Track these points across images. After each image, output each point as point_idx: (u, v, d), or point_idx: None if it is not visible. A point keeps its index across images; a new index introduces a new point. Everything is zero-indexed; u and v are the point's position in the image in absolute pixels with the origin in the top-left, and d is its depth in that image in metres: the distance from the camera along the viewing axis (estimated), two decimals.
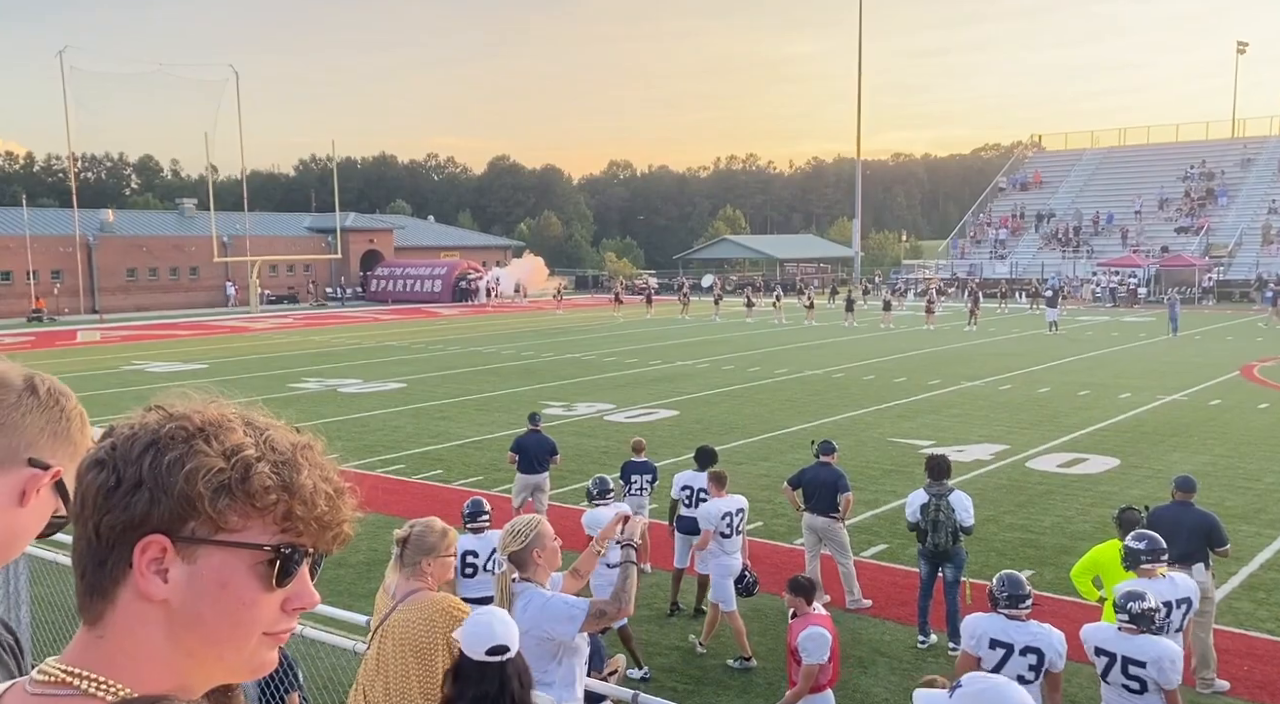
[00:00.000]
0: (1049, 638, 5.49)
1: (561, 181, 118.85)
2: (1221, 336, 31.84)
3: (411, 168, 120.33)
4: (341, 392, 22.30)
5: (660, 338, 33.75)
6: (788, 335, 34.19)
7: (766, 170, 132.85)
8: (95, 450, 1.01)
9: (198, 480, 0.96)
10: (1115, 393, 20.25)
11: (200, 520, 0.97)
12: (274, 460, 1.00)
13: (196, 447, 0.98)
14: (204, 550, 0.97)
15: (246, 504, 0.98)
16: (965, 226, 65.73)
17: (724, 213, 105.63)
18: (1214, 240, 53.60)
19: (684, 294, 45.97)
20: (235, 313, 51.77)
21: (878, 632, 8.55)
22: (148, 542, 0.96)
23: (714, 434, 16.47)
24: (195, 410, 1.02)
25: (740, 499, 8.73)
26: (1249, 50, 72.39)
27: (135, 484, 0.97)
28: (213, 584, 0.98)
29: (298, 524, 1.00)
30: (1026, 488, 12.94)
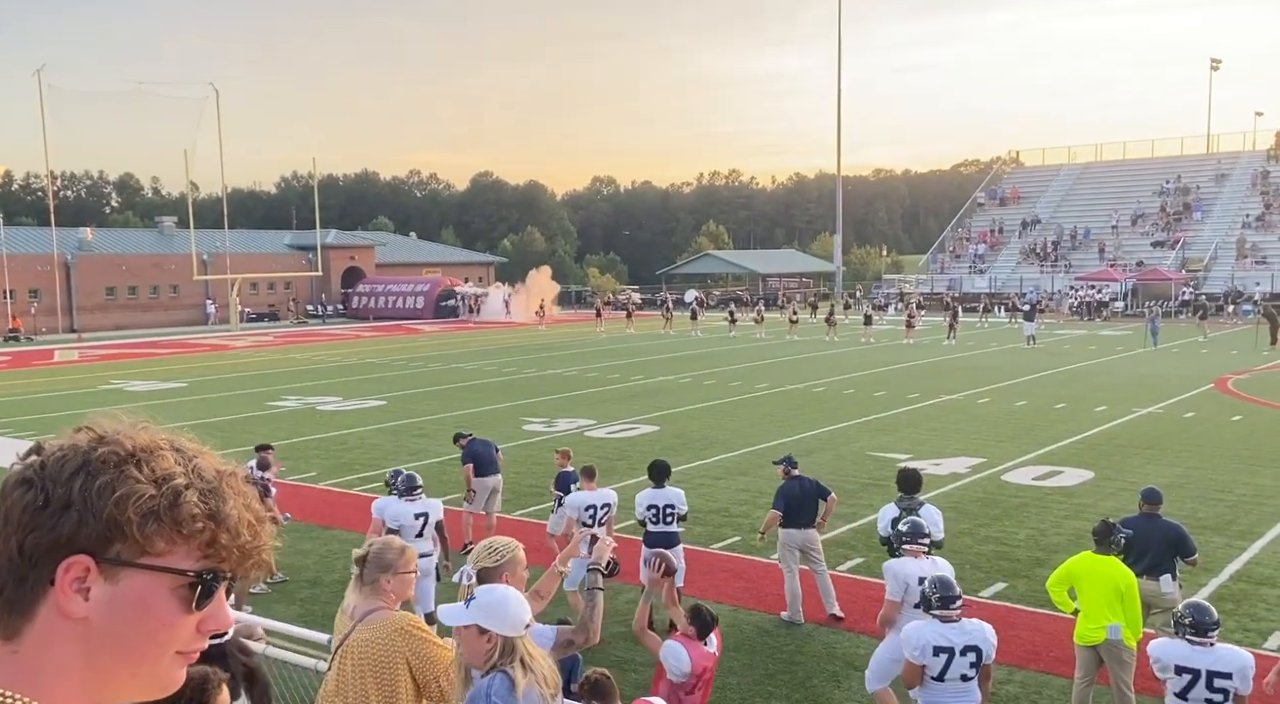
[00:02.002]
0: (983, 633, 5.73)
1: (545, 198, 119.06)
2: (1197, 350, 32.18)
3: (394, 184, 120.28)
4: (321, 409, 22.22)
5: (642, 353, 33.80)
6: (769, 350, 34.32)
7: (749, 186, 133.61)
8: (22, 468, 1.02)
9: (128, 506, 0.98)
10: (1091, 406, 20.43)
11: (126, 544, 0.99)
12: (201, 489, 1.03)
13: (127, 472, 1.00)
14: (127, 572, 0.99)
15: (173, 531, 1.00)
16: (945, 241, 66.25)
17: (707, 228, 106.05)
18: (1190, 254, 54.24)
19: (666, 309, 46.09)
20: (215, 331, 51.50)
21: (851, 645, 8.59)
22: (72, 561, 0.98)
23: (694, 448, 16.52)
24: (126, 435, 1.04)
25: (609, 494, 9.42)
26: (1222, 67, 73.36)
27: (64, 505, 0.98)
28: (134, 605, 1.00)
29: (220, 551, 1.03)
30: (1002, 500, 13.03)
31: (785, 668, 8.12)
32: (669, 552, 9.13)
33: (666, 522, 9.18)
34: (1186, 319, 44.40)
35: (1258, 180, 57.76)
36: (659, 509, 9.19)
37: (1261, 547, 10.84)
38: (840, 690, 7.74)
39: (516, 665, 3.25)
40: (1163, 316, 36.23)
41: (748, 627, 9.05)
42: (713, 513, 12.65)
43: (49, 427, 20.05)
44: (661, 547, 9.13)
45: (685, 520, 9.44)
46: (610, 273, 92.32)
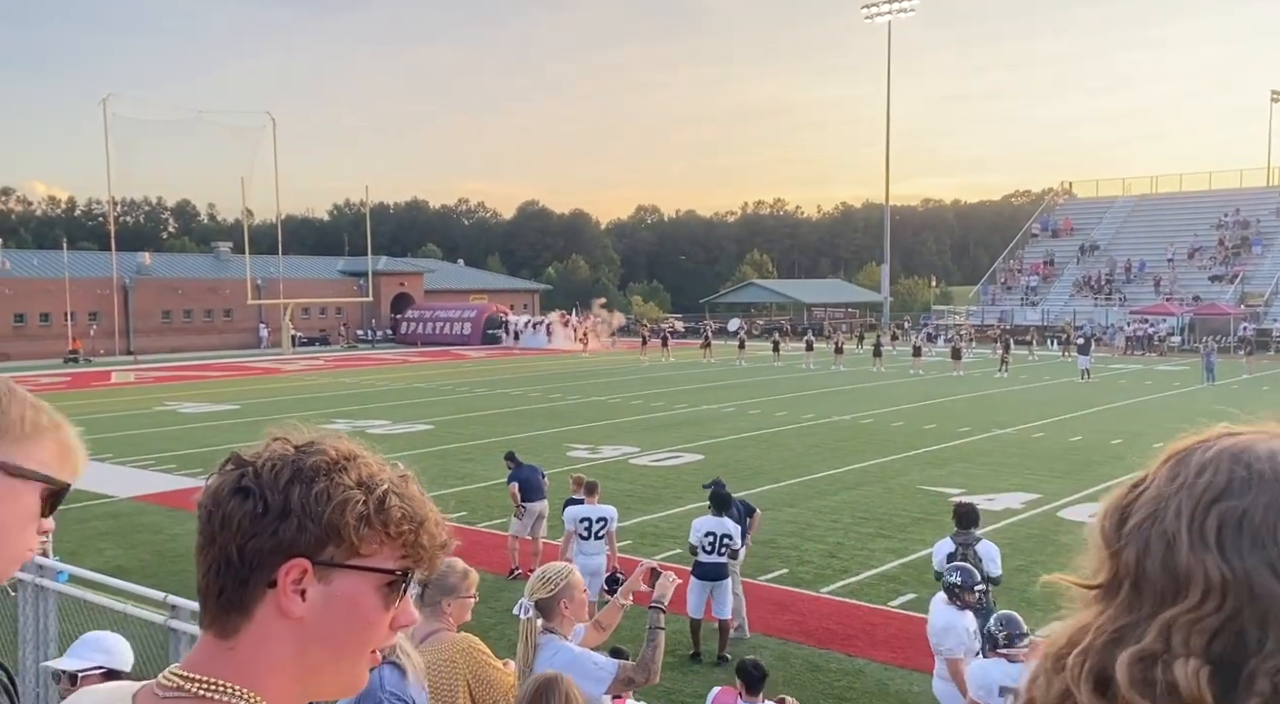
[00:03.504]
0: None
1: (589, 226, 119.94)
2: (1259, 386, 31.31)
3: (443, 213, 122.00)
4: (370, 432, 22.29)
5: (686, 381, 33.71)
6: (815, 380, 34.03)
7: (794, 215, 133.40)
8: (234, 478, 1.08)
9: (345, 511, 1.05)
10: (1149, 442, 19.85)
11: (340, 547, 1.06)
12: (398, 492, 1.10)
13: (338, 479, 1.07)
14: (339, 573, 1.06)
15: (383, 533, 1.07)
16: (996, 273, 65.44)
17: (751, 257, 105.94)
18: (1249, 289, 52.95)
19: (707, 339, 45.74)
20: (268, 354, 52.37)
21: (904, 682, 8.38)
22: (291, 565, 1.05)
23: (740, 478, 16.36)
24: (329, 443, 1.12)
25: (607, 509, 9.74)
26: None
27: (282, 512, 1.05)
28: (345, 604, 1.07)
29: (418, 551, 1.10)
30: (1058, 538, 12.69)
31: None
32: (716, 583, 9.05)
33: (720, 552, 9.06)
34: (1243, 355, 43.30)
35: None
36: (716, 537, 9.08)
37: None
38: None
39: (401, 656, 3.34)
40: (1219, 352, 35.31)
41: (797, 661, 8.88)
42: (760, 545, 12.47)
43: (105, 447, 20.47)
44: (709, 578, 9.03)
45: (738, 557, 9.28)
46: (653, 300, 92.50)
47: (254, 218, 72.73)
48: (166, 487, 16.21)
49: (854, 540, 12.68)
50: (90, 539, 13.30)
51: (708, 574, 9.04)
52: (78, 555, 11.27)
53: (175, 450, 20.24)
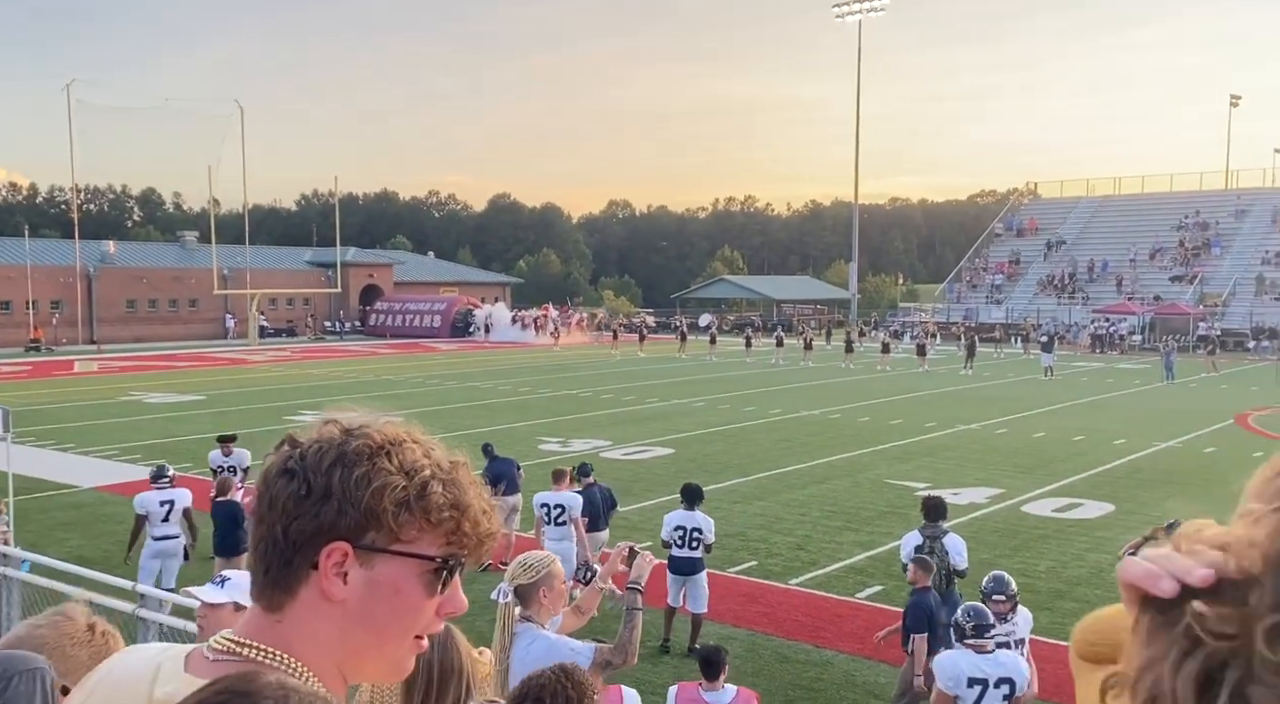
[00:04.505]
0: (1017, 665, 5.64)
1: (561, 220, 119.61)
2: (1216, 385, 31.95)
3: (413, 205, 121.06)
4: None
5: (657, 376, 33.80)
6: (784, 375, 34.25)
7: (764, 212, 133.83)
8: (282, 459, 1.10)
9: (384, 497, 1.06)
10: (1110, 439, 20.28)
11: (381, 532, 1.07)
12: (443, 479, 1.11)
13: (379, 464, 1.08)
14: (381, 558, 1.07)
15: (423, 519, 1.08)
16: (962, 271, 66.15)
17: (722, 253, 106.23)
18: (1208, 289, 53.96)
19: (681, 333, 46.00)
20: (234, 345, 51.80)
21: (871, 673, 8.52)
22: (332, 548, 1.06)
23: (709, 472, 16.47)
24: (375, 428, 1.12)
25: (566, 496, 9.89)
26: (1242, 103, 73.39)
27: (324, 495, 1.06)
28: (387, 589, 1.08)
29: (462, 538, 1.10)
30: (1021, 532, 12.93)
31: (805, 695, 8.06)
32: (689, 577, 9.13)
33: (692, 546, 9.15)
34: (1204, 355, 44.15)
35: (1277, 216, 57.51)
36: (686, 532, 9.16)
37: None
38: None
39: None
40: (1179, 351, 35.96)
41: (765, 652, 8.99)
42: (729, 537, 12.59)
43: (68, 437, 20.19)
44: (683, 573, 9.12)
45: (710, 550, 9.37)
46: (625, 295, 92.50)
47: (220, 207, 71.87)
48: (130, 477, 16.00)
49: (822, 533, 12.83)
50: (52, 529, 13.15)
51: (681, 569, 9.13)
52: (39, 546, 11.13)
53: (140, 441, 20.00)
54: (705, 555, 9.28)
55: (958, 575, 8.31)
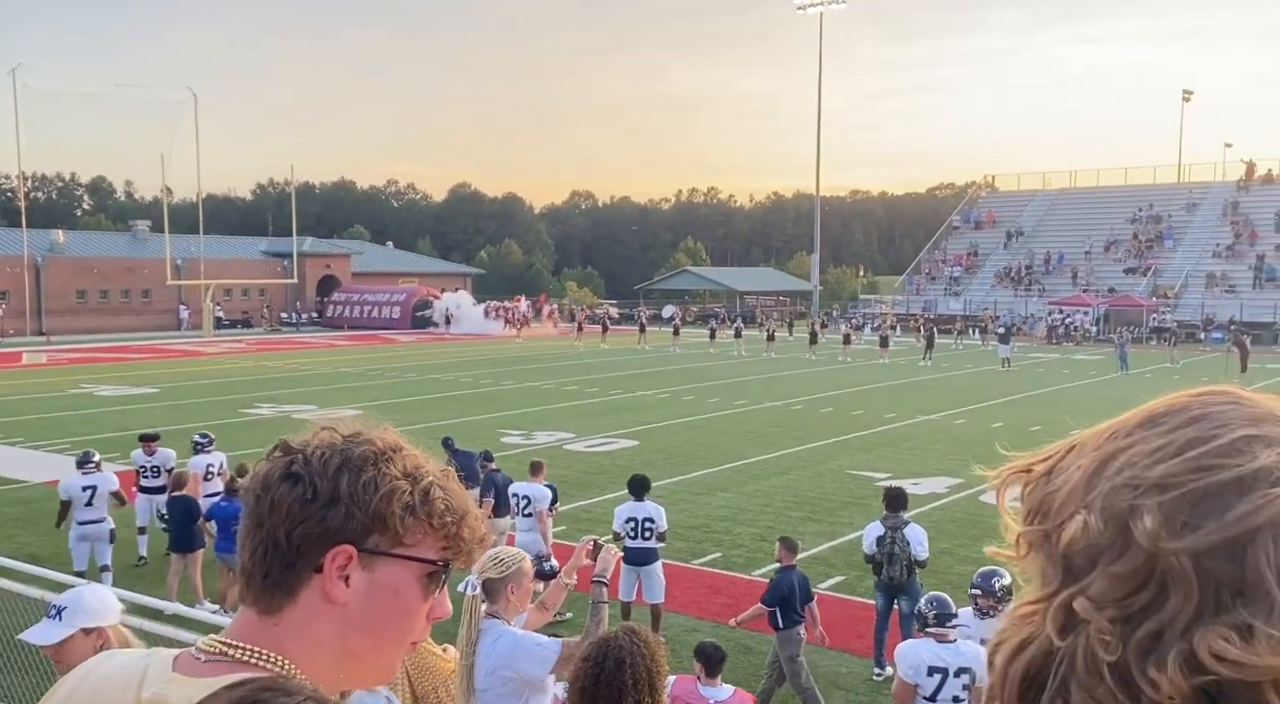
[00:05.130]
0: (977, 655, 5.65)
1: (523, 210, 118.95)
2: (1169, 375, 32.59)
3: (371, 194, 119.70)
4: (296, 417, 21.96)
5: (620, 368, 33.76)
6: (747, 367, 34.38)
7: (727, 204, 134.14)
8: (283, 464, 1.10)
9: (392, 501, 1.08)
10: (1067, 429, 20.27)
11: (386, 536, 1.09)
12: (441, 484, 1.13)
13: (384, 469, 1.10)
14: (382, 561, 1.09)
15: (426, 523, 1.10)
16: (921, 263, 66.82)
17: (685, 245, 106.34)
18: (1161, 282, 55.02)
19: (640, 324, 45.91)
20: (188, 336, 50.91)
21: (835, 664, 8.57)
22: (338, 551, 1.07)
23: (674, 464, 16.48)
24: (375, 434, 1.15)
25: (535, 488, 9.90)
26: (1194, 99, 74.82)
27: (331, 499, 1.07)
28: (388, 592, 1.09)
29: (458, 543, 1.13)
30: (981, 521, 13.08)
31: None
32: (644, 567, 9.14)
33: (645, 537, 9.15)
34: (1157, 345, 45.03)
35: (1228, 210, 58.76)
36: (637, 523, 9.17)
37: None
38: None
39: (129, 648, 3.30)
40: (1132, 342, 36.65)
41: (729, 643, 8.98)
42: (693, 529, 12.61)
43: (17, 431, 19.70)
44: (638, 564, 9.12)
45: (664, 539, 9.41)
46: (588, 286, 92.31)
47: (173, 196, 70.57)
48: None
49: (785, 524, 12.88)
50: (1, 526, 12.83)
51: (634, 559, 9.12)
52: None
53: (92, 434, 19.57)
54: (660, 545, 9.30)
55: (919, 566, 8.38)
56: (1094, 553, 0.58)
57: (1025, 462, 0.68)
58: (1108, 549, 0.57)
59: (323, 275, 62.48)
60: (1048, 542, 0.61)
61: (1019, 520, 0.65)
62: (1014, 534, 0.64)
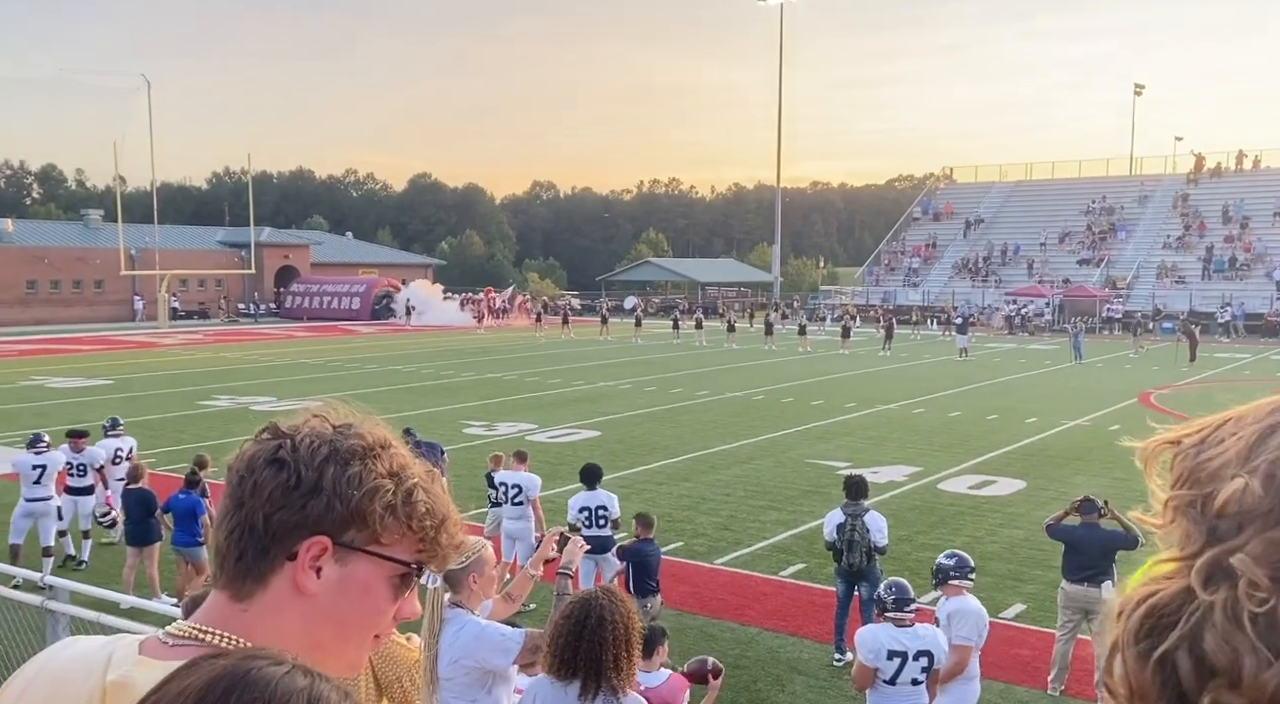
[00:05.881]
0: (935, 639, 5.79)
1: (484, 201, 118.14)
2: (1121, 365, 33.26)
3: (330, 183, 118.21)
4: (254, 409, 21.73)
5: (583, 359, 33.75)
6: (709, 357, 34.54)
7: (689, 195, 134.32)
8: (270, 448, 1.09)
9: (375, 498, 1.07)
10: (1022, 417, 20.97)
11: (363, 532, 1.08)
12: (425, 487, 1.13)
13: (371, 465, 1.09)
14: (356, 557, 1.08)
15: (405, 524, 1.09)
16: (880, 255, 67.46)
17: (647, 236, 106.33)
18: (1114, 272, 56.06)
19: (601, 316, 45.88)
20: (143, 328, 50.03)
21: (795, 650, 8.69)
22: (313, 542, 1.06)
23: (637, 454, 16.55)
24: (365, 428, 1.13)
25: (522, 476, 10.16)
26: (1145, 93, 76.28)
27: (314, 489, 1.06)
28: (358, 588, 1.09)
29: (435, 547, 1.13)
30: (938, 509, 13.30)
31: (730, 672, 8.15)
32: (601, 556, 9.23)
33: (599, 525, 9.26)
34: (1110, 335, 45.88)
35: (1178, 202, 59.96)
36: (591, 511, 9.28)
37: None
38: (784, 694, 7.82)
39: None
40: (1086, 332, 37.32)
41: (691, 631, 9.09)
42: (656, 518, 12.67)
43: None
44: (594, 552, 9.20)
45: (618, 527, 9.51)
46: (549, 278, 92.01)
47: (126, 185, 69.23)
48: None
49: (746, 513, 13.01)
50: None
51: (592, 548, 9.20)
52: None
53: (44, 426, 19.14)
54: (615, 533, 9.41)
55: (878, 552, 8.52)
56: (1245, 517, 0.62)
57: (1174, 434, 0.72)
58: (1264, 514, 0.62)
59: (281, 266, 61.67)
60: (1193, 507, 0.66)
61: (1165, 488, 0.70)
62: (1160, 500, 0.69)
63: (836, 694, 7.77)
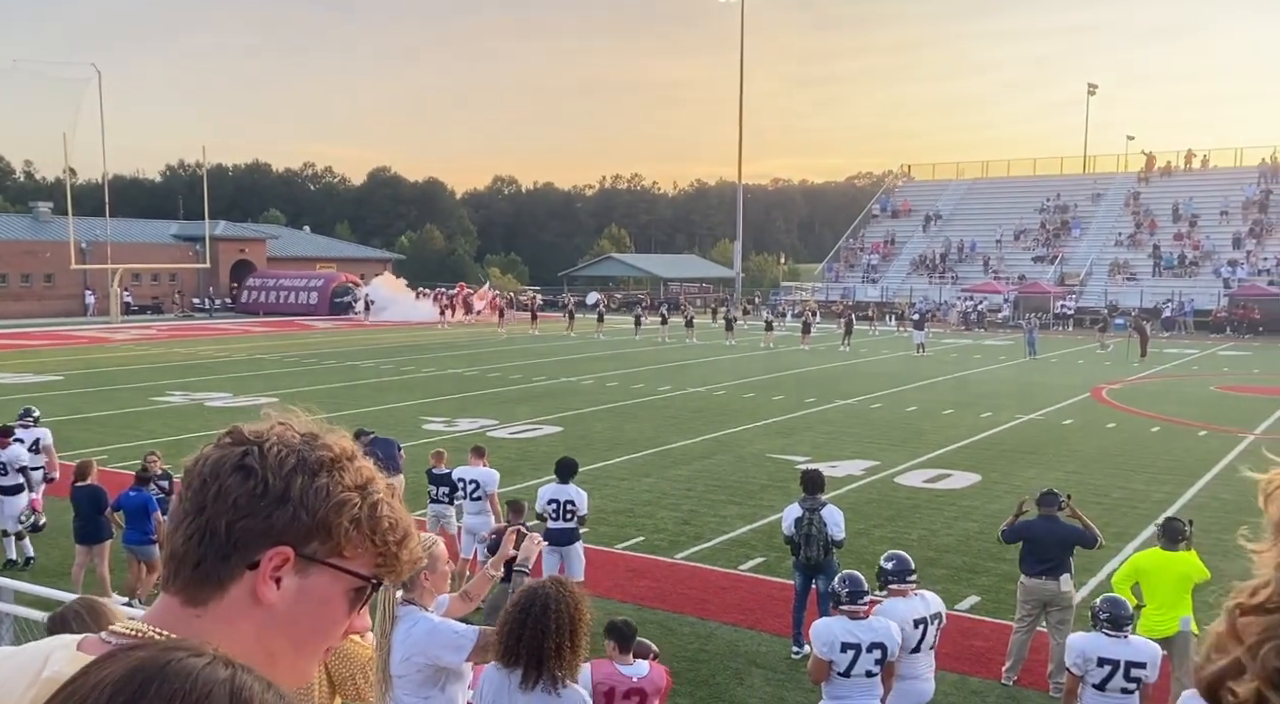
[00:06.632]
0: (888, 631, 5.85)
1: (444, 195, 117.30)
2: (1074, 360, 33.86)
3: (287, 176, 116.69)
4: (209, 405, 21.42)
5: (545, 354, 33.67)
6: (671, 353, 34.61)
7: (651, 190, 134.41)
8: (236, 454, 1.08)
9: (342, 512, 1.07)
10: (978, 412, 21.28)
11: (326, 544, 1.07)
12: (388, 502, 1.13)
13: (338, 478, 1.09)
14: (317, 569, 1.08)
15: (368, 538, 1.09)
16: (840, 251, 68.00)
17: (609, 231, 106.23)
18: (1067, 269, 57.02)
19: (569, 312, 45.90)
20: (95, 323, 49.03)
21: (753, 643, 8.75)
22: (276, 552, 1.05)
23: (597, 449, 16.55)
24: (332, 439, 1.13)
25: (479, 471, 10.12)
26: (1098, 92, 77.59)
27: (281, 498, 1.05)
28: (316, 600, 1.08)
29: (394, 562, 1.13)
30: (895, 502, 13.46)
31: (690, 666, 8.22)
32: (567, 548, 9.24)
33: (566, 518, 9.26)
34: (1063, 331, 46.65)
35: (1129, 201, 61.13)
36: (559, 504, 9.26)
37: (1134, 547, 11.49)
38: (743, 688, 7.88)
39: None
40: (1040, 328, 37.93)
41: (652, 625, 9.11)
42: (617, 513, 12.71)
43: None
44: (560, 544, 9.22)
45: (585, 523, 9.51)
46: (511, 273, 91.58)
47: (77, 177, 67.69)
48: None
49: (706, 507, 13.07)
50: None
51: (557, 540, 9.22)
52: None
53: None
54: (580, 528, 9.43)
55: (835, 546, 8.60)
56: None
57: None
58: None
59: (237, 260, 60.77)
60: None
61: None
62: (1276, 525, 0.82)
63: (795, 687, 7.85)
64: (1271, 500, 0.85)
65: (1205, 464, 15.99)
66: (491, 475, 10.23)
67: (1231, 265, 52.39)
